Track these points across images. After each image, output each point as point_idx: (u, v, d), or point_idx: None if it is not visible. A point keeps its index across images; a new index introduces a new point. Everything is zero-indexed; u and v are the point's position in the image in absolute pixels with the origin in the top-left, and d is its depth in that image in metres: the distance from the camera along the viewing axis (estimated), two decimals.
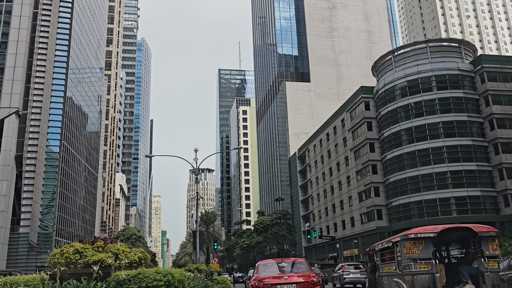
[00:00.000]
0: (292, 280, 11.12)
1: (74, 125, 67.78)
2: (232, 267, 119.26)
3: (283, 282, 11.04)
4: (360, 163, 59.62)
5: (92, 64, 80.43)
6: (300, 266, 12.47)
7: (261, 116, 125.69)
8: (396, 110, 54.69)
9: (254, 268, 16.07)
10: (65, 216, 65.09)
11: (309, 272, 11.91)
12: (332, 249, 69.04)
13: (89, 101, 78.34)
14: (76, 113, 69.59)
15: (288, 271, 11.95)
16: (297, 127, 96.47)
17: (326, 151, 73.00)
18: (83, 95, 73.25)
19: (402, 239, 10.00)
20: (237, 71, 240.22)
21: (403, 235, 10.05)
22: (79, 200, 72.10)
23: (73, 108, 67.77)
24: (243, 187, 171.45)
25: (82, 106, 74.02)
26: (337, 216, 67.69)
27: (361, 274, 27.83)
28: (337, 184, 67.81)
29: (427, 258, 9.73)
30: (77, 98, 70.23)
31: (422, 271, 9.58)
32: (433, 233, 9.80)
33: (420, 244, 9.82)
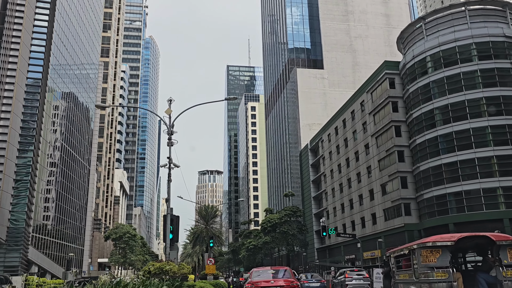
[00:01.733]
0: (277, 283, 13.89)
1: (57, 107, 60.30)
2: (239, 270, 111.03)
3: (271, 285, 13.72)
4: (383, 150, 51.14)
5: (82, 44, 73.04)
6: (285, 273, 15.36)
7: (270, 109, 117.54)
8: (427, 86, 46.16)
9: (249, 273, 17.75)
10: (46, 210, 57.54)
11: (292, 278, 14.65)
12: (350, 251, 60.53)
13: (78, 83, 70.87)
14: (59, 92, 62.17)
15: (275, 277, 14.61)
16: (309, 117, 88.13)
17: (342, 139, 64.59)
18: (69, 74, 65.75)
19: (419, 247, 9.89)
20: (246, 67, 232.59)
21: (420, 243, 9.94)
22: (65, 193, 64.52)
23: (55, 86, 60.33)
24: (251, 187, 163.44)
25: (68, 87, 66.54)
26: (355, 213, 59.17)
27: (364, 281, 26.43)
28: (355, 176, 59.35)
29: (444, 266, 9.69)
30: (62, 76, 62.75)
31: (439, 280, 9.51)
32: (450, 242, 9.75)
33: (437, 252, 9.73)
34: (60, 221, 63.15)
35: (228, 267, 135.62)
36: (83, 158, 73.93)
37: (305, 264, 75.15)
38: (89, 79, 78.42)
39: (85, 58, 75.67)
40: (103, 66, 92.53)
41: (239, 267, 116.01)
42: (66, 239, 65.53)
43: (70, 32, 65.20)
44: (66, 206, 65.42)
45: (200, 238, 56.53)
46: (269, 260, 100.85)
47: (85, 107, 76.14)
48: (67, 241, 66.21)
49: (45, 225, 58.18)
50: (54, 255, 61.29)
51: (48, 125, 57.23)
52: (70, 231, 67.70)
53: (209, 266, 37.25)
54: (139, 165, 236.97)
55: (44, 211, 57.71)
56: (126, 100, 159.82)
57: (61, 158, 62.51)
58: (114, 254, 70.58)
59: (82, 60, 73.36)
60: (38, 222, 55.40)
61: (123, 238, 69.43)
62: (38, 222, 55.40)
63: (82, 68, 73.84)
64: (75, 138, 68.62)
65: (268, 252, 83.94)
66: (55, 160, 61.71)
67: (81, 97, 73.07)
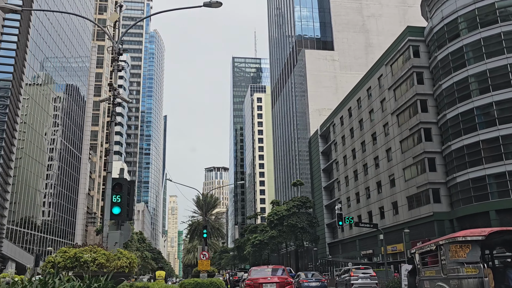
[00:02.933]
0: (273, 280, 15.26)
1: (39, 90, 54.25)
2: (244, 267, 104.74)
3: (267, 281, 15.12)
4: (406, 129, 44.42)
5: (72, 22, 66.92)
6: (280, 270, 16.50)
7: (276, 96, 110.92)
8: (460, 50, 39.35)
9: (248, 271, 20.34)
10: (27, 201, 51.57)
11: (286, 275, 15.85)
12: (366, 245, 53.92)
13: (65, 62, 64.71)
14: (40, 66, 56.08)
15: (271, 274, 15.98)
16: (319, 102, 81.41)
17: (356, 121, 57.91)
18: (54, 50, 59.63)
19: (448, 242, 9.62)
20: (252, 58, 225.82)
21: (449, 238, 9.65)
22: (52, 182, 58.54)
23: (36, 58, 54.29)
24: (257, 181, 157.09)
25: (54, 67, 60.45)
26: (372, 203, 52.52)
27: (371, 279, 24.78)
28: (372, 161, 52.68)
29: (475, 262, 9.34)
30: (46, 53, 56.67)
31: (469, 275, 9.22)
32: (481, 236, 9.43)
33: (467, 247, 9.44)
34: (45, 213, 57.21)
35: (234, 264, 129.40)
36: (73, 145, 67.91)
37: (316, 261, 68.61)
38: (80, 60, 72.33)
39: (75, 38, 69.59)
40: (97, 48, 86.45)
41: (244, 265, 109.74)
42: (53, 232, 59.59)
43: (55, 5, 59.11)
44: (53, 197, 59.49)
45: (198, 230, 50.31)
46: (276, 257, 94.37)
47: (75, 90, 70.11)
48: (55, 235, 60.26)
49: (28, 217, 52.29)
50: (39, 251, 55.41)
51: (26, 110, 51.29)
52: (58, 225, 61.77)
53: (203, 261, 30.90)
54: (143, 161, 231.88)
55: (26, 201, 51.75)
56: (127, 92, 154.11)
57: (48, 144, 56.51)
58: None
59: (72, 40, 67.26)
60: (19, 213, 49.43)
61: None
62: (19, 213, 49.43)
63: (71, 47, 67.76)
64: (63, 122, 62.61)
65: (275, 248, 77.57)
66: (42, 147, 55.77)
67: (69, 79, 66.97)
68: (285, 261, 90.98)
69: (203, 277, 30.84)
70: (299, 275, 27.73)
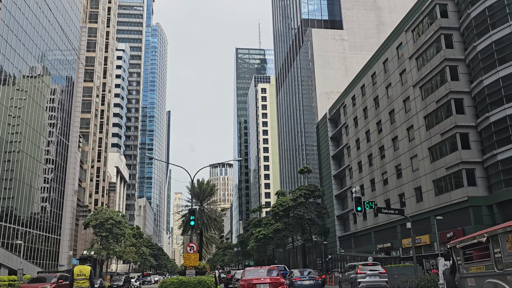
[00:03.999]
0: (266, 281, 15.69)
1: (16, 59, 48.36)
2: (248, 264, 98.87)
3: (261, 282, 15.55)
4: (432, 101, 38.10)
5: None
6: (273, 271, 16.94)
7: (281, 82, 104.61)
8: (501, 3, 32.91)
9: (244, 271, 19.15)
10: (3, 189, 45.82)
11: (278, 276, 16.31)
12: (384, 238, 47.70)
13: (48, 39, 58.79)
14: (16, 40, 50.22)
15: (265, 275, 16.48)
16: (327, 84, 75.09)
17: (371, 100, 51.59)
18: (32, 21, 53.66)
19: (506, 232, 7.97)
20: (256, 49, 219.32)
21: (508, 226, 7.93)
22: (33, 170, 52.77)
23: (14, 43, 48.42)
24: (262, 174, 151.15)
25: (35, 41, 54.53)
26: (390, 189, 46.23)
27: (381, 277, 22.17)
28: (390, 142, 46.37)
29: None
30: (22, 24, 50.74)
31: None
32: None
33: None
34: (19, 204, 51.43)
35: (238, 261, 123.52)
36: (60, 131, 62.08)
37: (325, 256, 62.42)
38: (65, 40, 66.40)
39: (61, 15, 63.67)
40: (87, 30, 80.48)
41: (248, 261, 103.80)
42: (34, 226, 53.83)
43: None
44: (36, 188, 53.73)
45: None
46: (282, 253, 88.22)
47: (60, 71, 64.23)
48: (37, 229, 54.50)
49: (5, 208, 46.58)
50: (21, 246, 49.72)
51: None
52: (43, 218, 56.01)
53: (189, 255, 24.83)
54: (147, 156, 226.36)
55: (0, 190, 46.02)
56: (126, 83, 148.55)
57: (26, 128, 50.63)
58: (94, 244, 58.73)
59: (56, 15, 61.31)
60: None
61: (105, 225, 57.38)
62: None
63: (56, 25, 61.83)
64: (50, 106, 56.75)
65: (280, 243, 71.49)
66: (18, 131, 49.98)
67: (55, 61, 61.06)
68: (292, 257, 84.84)
69: (190, 274, 24.84)
70: (291, 272, 25.60)
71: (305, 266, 76.85)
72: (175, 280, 24.38)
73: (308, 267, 74.64)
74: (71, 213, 66.80)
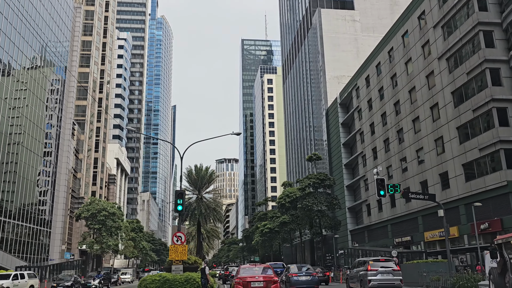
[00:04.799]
0: (260, 279, 15.73)
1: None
2: (254, 260, 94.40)
3: (255, 280, 15.64)
4: (462, 73, 33.14)
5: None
6: (267, 269, 16.79)
7: (288, 69, 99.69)
8: None
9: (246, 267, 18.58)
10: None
11: (272, 274, 16.34)
12: (402, 231, 42.86)
13: (39, 20, 54.33)
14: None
15: (259, 273, 16.33)
16: (337, 68, 70.12)
17: (387, 78, 46.61)
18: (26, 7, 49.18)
19: None
20: (262, 41, 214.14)
21: None
22: (17, 159, 48.47)
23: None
24: (268, 168, 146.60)
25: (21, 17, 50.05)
26: (410, 177, 41.31)
27: (394, 275, 19.57)
28: (410, 124, 41.43)
29: None
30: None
31: None
32: None
33: None
34: (8, 194, 47.19)
35: (243, 257, 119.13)
36: (50, 117, 57.77)
37: (336, 251, 57.68)
38: (60, 21, 62.00)
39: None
40: (82, 12, 76.03)
41: (254, 257, 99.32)
42: (21, 218, 49.60)
43: None
44: (21, 176, 49.47)
45: (189, 212, 39.71)
46: (289, 248, 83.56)
47: (51, 56, 59.83)
48: (24, 221, 50.28)
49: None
50: (5, 240, 45.61)
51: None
52: (31, 209, 51.76)
53: (176, 247, 20.21)
54: (151, 151, 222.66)
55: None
56: (129, 73, 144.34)
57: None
58: (86, 237, 54.41)
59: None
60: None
61: (98, 217, 52.98)
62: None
63: (47, 5, 57.38)
64: (31, 85, 52.37)
65: (287, 237, 66.74)
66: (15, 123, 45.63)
67: (46, 44, 56.62)
68: (299, 252, 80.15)
69: (177, 270, 20.25)
70: (288, 268, 24.04)
71: (313, 262, 72.20)
72: (157, 278, 19.78)
73: (317, 263, 69.96)
74: (64, 204, 62.58)
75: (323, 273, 34.81)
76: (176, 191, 20.65)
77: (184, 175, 40.78)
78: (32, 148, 52.46)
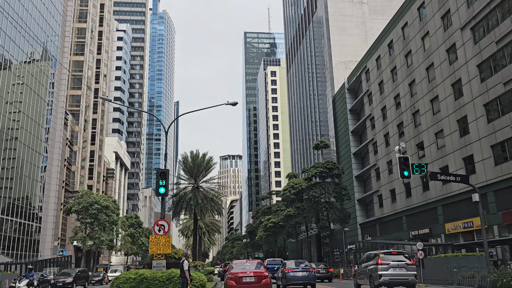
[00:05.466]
0: (251, 274, 16.04)
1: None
2: (258, 256, 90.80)
3: (247, 275, 15.93)
4: (490, 42, 29.25)
5: None
6: (258, 265, 17.06)
7: (292, 57, 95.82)
8: None
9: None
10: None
11: (263, 269, 16.63)
12: (419, 223, 39.05)
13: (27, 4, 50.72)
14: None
15: (250, 268, 16.57)
16: (344, 53, 66.25)
17: (401, 57, 42.71)
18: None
19: None
20: (265, 33, 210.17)
21: None
22: (7, 147, 45.02)
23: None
24: (272, 162, 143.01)
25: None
26: (428, 163, 37.33)
27: (408, 269, 17.58)
28: (428, 105, 37.55)
29: None
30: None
31: None
32: None
33: None
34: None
35: (247, 253, 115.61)
36: (35, 101, 54.27)
37: (345, 246, 53.96)
38: (50, 5, 58.45)
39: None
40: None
41: (258, 253, 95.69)
42: (10, 212, 46.20)
43: None
44: (6, 165, 46.04)
45: (184, 202, 36.03)
46: (294, 243, 79.88)
47: (40, 42, 56.30)
48: (13, 216, 46.87)
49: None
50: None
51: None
52: (16, 202, 48.35)
53: (158, 238, 16.51)
54: (154, 147, 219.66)
55: None
56: (128, 66, 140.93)
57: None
58: (78, 232, 50.89)
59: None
60: None
61: (90, 211, 49.47)
62: None
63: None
64: (20, 70, 48.82)
65: (292, 231, 62.94)
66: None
67: (35, 28, 53.04)
68: (305, 248, 76.44)
69: (159, 267, 16.56)
70: (285, 264, 23.30)
71: (320, 258, 68.51)
72: (132, 276, 16.14)
73: (323, 259, 66.28)
74: (56, 197, 59.17)
75: (326, 269, 32.09)
76: (158, 170, 16.97)
77: (179, 162, 37.14)
78: (27, 142, 48.98)
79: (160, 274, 15.87)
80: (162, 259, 16.61)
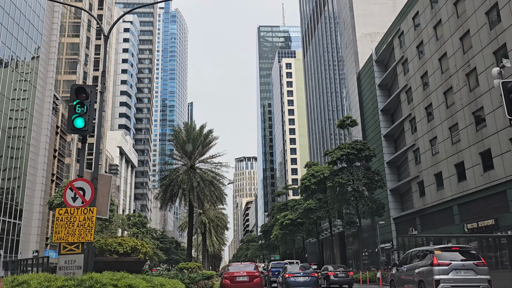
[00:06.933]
0: (244, 274, 17.66)
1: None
2: (274, 258, 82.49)
3: (240, 274, 17.56)
4: None
5: None
6: (251, 267, 18.62)
7: (309, 39, 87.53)
8: None
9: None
10: None
11: (256, 270, 18.21)
12: (478, 213, 30.32)
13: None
14: None
15: (245, 269, 18.15)
16: (369, 24, 57.88)
17: (449, 5, 34.11)
18: None
19: None
20: (279, 27, 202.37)
21: None
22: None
23: None
24: (288, 159, 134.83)
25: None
26: (490, 135, 28.79)
27: (478, 273, 12.97)
28: (489, 59, 28.92)
29: None
30: None
31: None
32: None
33: None
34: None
35: (262, 255, 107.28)
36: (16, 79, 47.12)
37: (374, 245, 45.20)
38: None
39: None
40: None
41: (274, 255, 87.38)
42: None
43: None
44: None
45: (175, 186, 28.06)
46: (314, 244, 71.42)
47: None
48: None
49: None
50: None
51: None
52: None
53: (71, 215, 8.68)
54: (167, 148, 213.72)
55: None
56: (136, 60, 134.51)
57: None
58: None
59: None
60: None
61: None
62: None
63: None
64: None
65: (312, 229, 54.11)
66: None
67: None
68: (326, 249, 67.72)
69: (69, 268, 8.51)
70: (285, 268, 21.80)
71: (344, 260, 60.05)
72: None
73: (348, 262, 57.88)
74: (42, 191, 51.91)
75: (346, 272, 25.30)
76: (72, 86, 9.03)
77: (170, 137, 29.46)
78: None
79: (68, 282, 7.69)
80: (76, 252, 8.54)
